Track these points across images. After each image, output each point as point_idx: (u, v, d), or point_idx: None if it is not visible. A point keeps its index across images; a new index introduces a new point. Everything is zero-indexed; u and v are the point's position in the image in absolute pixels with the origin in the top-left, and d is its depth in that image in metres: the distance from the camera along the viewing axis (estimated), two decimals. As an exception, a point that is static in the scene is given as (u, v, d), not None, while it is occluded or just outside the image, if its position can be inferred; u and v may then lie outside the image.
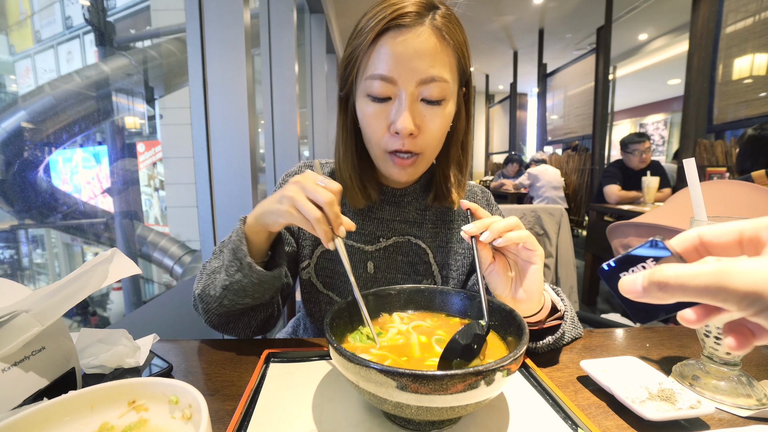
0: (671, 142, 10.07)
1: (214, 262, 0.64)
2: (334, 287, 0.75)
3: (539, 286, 0.54)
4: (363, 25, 0.62)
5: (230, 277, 0.59)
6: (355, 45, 0.62)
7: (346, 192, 0.71)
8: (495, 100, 10.23)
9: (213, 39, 1.37)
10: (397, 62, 0.58)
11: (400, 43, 0.58)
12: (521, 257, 0.54)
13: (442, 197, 0.74)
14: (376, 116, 0.62)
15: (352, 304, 0.53)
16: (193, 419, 0.35)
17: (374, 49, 0.60)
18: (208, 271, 0.64)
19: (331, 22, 4.52)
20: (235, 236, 0.59)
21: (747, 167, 1.98)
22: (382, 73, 0.59)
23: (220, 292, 0.60)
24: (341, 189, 0.53)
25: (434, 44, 0.59)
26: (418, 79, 0.59)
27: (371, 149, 0.67)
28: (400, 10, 0.58)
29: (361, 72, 0.62)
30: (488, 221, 0.53)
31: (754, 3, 3.06)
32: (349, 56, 0.64)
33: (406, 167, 0.65)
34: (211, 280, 0.62)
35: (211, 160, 1.42)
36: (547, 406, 0.48)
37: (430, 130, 0.62)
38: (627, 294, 0.28)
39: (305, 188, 0.51)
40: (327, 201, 0.50)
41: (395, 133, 0.61)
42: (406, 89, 0.59)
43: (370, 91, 0.61)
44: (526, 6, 5.47)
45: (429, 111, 0.62)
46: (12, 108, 2.48)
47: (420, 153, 0.64)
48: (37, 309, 0.41)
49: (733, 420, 0.47)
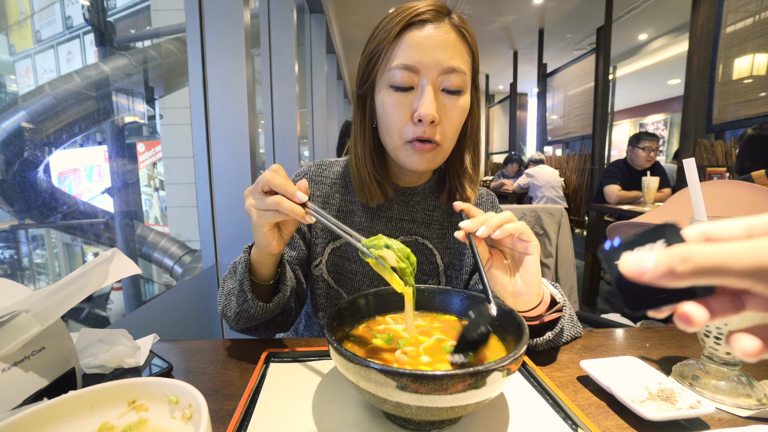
0: (671, 142, 10.07)
1: (229, 282, 0.66)
2: (343, 283, 0.76)
3: (537, 277, 0.55)
4: (384, 25, 0.65)
5: (239, 306, 0.62)
6: (378, 41, 0.65)
7: (363, 189, 0.72)
8: (495, 100, 10.23)
9: (213, 39, 1.37)
10: (420, 52, 0.62)
11: (424, 34, 0.62)
12: (518, 250, 0.55)
13: (456, 193, 0.75)
14: (398, 105, 0.64)
15: (353, 304, 0.53)
16: (193, 419, 0.35)
17: (398, 43, 0.63)
18: (225, 292, 0.66)
19: (331, 22, 4.52)
20: (240, 267, 0.61)
21: (747, 167, 1.98)
22: (406, 63, 0.62)
23: (234, 316, 0.63)
24: (278, 166, 0.53)
25: (454, 38, 0.63)
26: (440, 68, 0.62)
27: (391, 140, 0.68)
28: (420, 9, 0.63)
29: (383, 65, 0.65)
30: (483, 217, 0.54)
31: (754, 3, 3.06)
32: (372, 52, 0.66)
33: (425, 153, 0.66)
34: (228, 301, 0.65)
35: (211, 160, 1.42)
36: (547, 406, 0.48)
37: (449, 119, 0.65)
38: (630, 272, 0.25)
39: (253, 189, 0.54)
40: (267, 179, 0.51)
41: (418, 121, 0.63)
42: (428, 78, 0.62)
43: (393, 82, 0.64)
44: (526, 6, 5.47)
45: (449, 101, 0.64)
46: (12, 108, 2.47)
47: (439, 143, 0.66)
48: (37, 309, 0.41)
49: (733, 420, 0.47)
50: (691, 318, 0.24)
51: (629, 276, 0.25)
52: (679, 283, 0.23)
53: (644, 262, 0.24)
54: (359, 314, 0.55)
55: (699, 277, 0.22)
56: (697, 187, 0.53)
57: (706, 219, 0.52)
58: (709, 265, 0.21)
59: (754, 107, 3.09)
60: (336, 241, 0.76)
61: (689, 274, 0.22)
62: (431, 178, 0.78)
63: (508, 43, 7.15)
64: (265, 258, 0.59)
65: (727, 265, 0.21)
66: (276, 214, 0.52)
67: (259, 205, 0.52)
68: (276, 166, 0.53)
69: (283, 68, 2.47)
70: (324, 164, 0.80)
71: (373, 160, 0.71)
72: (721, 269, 0.21)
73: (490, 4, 5.39)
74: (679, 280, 0.23)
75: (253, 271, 0.62)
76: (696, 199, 0.53)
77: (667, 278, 0.23)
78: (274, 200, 0.51)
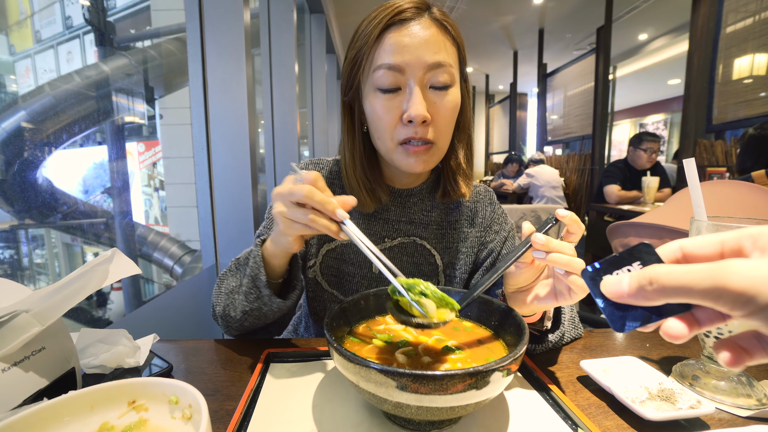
0: (671, 142, 10.06)
1: (231, 281, 0.64)
2: (340, 286, 0.75)
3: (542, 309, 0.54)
4: (363, 28, 0.64)
5: (250, 303, 0.60)
6: (359, 46, 0.64)
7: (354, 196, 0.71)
8: (495, 100, 10.22)
9: (213, 39, 1.37)
10: (403, 51, 0.60)
11: (405, 33, 0.61)
12: (557, 285, 0.50)
13: (452, 191, 0.74)
14: (387, 108, 0.63)
15: (353, 304, 0.53)
16: (193, 419, 0.35)
17: (379, 44, 0.62)
18: (226, 291, 0.64)
19: (331, 22, 4.52)
20: (252, 262, 0.58)
21: (747, 167, 1.98)
22: (390, 64, 0.61)
23: (241, 315, 0.61)
24: (318, 175, 0.49)
25: (437, 32, 0.62)
26: (425, 65, 0.61)
27: (383, 144, 0.66)
28: (399, 8, 0.62)
29: (367, 69, 0.63)
30: (556, 243, 0.48)
31: (754, 3, 3.06)
32: (354, 58, 0.65)
33: (420, 154, 0.64)
34: (231, 300, 0.63)
35: (211, 160, 1.42)
36: (547, 406, 0.49)
37: (441, 116, 0.64)
38: (610, 294, 0.27)
39: (284, 195, 0.49)
40: (305, 194, 0.47)
41: (408, 121, 0.61)
42: (414, 77, 0.61)
43: (378, 84, 0.62)
44: (526, 6, 5.47)
45: (438, 98, 0.63)
46: (12, 108, 2.47)
47: (433, 142, 0.65)
48: (37, 309, 0.41)
49: (733, 420, 0.47)
50: (672, 333, 0.26)
51: (610, 297, 0.28)
52: (650, 303, 0.26)
53: (620, 285, 0.27)
54: (359, 314, 0.55)
55: (666, 297, 0.25)
56: (697, 187, 0.53)
57: (706, 219, 0.52)
58: (673, 286, 0.24)
59: (754, 107, 3.09)
60: (332, 243, 0.75)
61: (657, 295, 0.25)
62: (428, 179, 0.77)
63: (508, 43, 7.14)
64: (280, 256, 0.57)
65: (689, 286, 0.23)
66: (306, 228, 0.49)
67: (290, 215, 0.49)
68: (315, 175, 0.48)
69: (283, 68, 2.47)
70: (321, 163, 0.79)
71: (364, 167, 0.70)
72: (683, 290, 0.24)
73: (490, 4, 5.39)
74: (650, 300, 0.26)
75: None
76: (696, 199, 0.53)
77: (639, 299, 0.26)
78: (308, 217, 0.47)
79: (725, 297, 0.22)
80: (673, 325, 0.26)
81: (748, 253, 0.25)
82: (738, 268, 0.22)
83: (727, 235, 0.26)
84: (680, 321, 0.26)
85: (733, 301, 0.22)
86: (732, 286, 0.22)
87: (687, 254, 0.27)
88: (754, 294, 0.21)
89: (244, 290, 0.60)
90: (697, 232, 0.51)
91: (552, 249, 0.47)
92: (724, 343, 0.26)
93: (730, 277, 0.22)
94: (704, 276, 0.23)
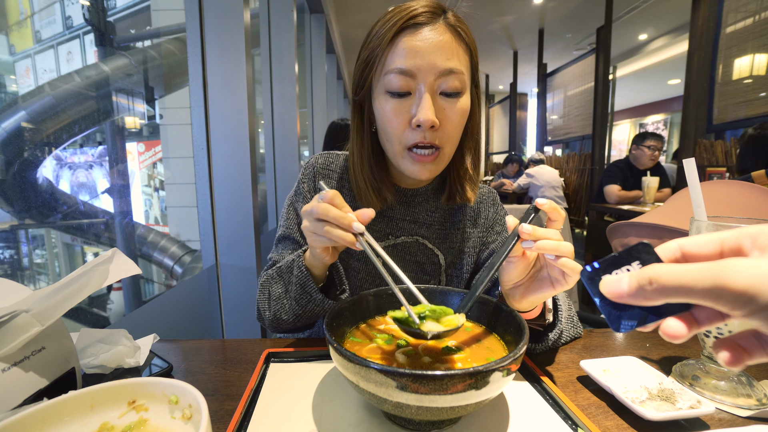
0: (671, 142, 10.07)
1: (276, 288, 0.67)
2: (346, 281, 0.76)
3: (541, 301, 0.53)
4: (377, 29, 0.64)
5: (302, 307, 0.63)
6: (372, 47, 0.64)
7: (361, 197, 0.72)
8: (495, 100, 10.23)
9: (213, 39, 1.37)
10: (416, 56, 0.60)
11: (418, 38, 0.61)
12: (550, 273, 0.50)
13: (457, 195, 0.74)
14: (396, 112, 0.63)
15: (353, 303, 0.53)
16: (193, 419, 0.35)
17: (392, 47, 0.62)
18: (274, 297, 0.67)
19: (331, 22, 4.52)
20: (297, 271, 0.62)
21: (747, 167, 1.98)
22: (401, 67, 0.61)
23: (293, 318, 0.65)
24: (335, 193, 0.53)
25: (450, 39, 0.62)
26: (437, 71, 0.61)
27: (391, 147, 0.67)
28: (413, 11, 0.62)
29: (379, 71, 0.64)
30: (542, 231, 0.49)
31: (754, 3, 3.06)
32: (367, 59, 0.65)
33: (426, 164, 0.65)
34: (280, 305, 0.66)
35: (211, 160, 1.42)
36: (547, 406, 0.49)
37: (449, 122, 0.64)
38: (609, 293, 0.27)
39: (306, 213, 0.54)
40: (321, 212, 0.51)
41: (417, 126, 0.62)
42: (425, 82, 0.61)
43: (389, 87, 0.63)
44: (526, 6, 5.47)
45: (448, 104, 0.63)
46: (12, 108, 2.48)
47: (440, 147, 0.65)
48: (37, 309, 0.41)
49: (733, 420, 0.47)
50: (671, 333, 0.26)
51: (610, 297, 0.28)
52: (650, 302, 0.26)
53: (620, 285, 0.27)
54: (359, 314, 0.55)
55: (666, 297, 0.25)
56: (697, 187, 0.53)
57: (706, 219, 0.52)
58: (673, 286, 0.24)
59: (754, 107, 3.09)
60: None
61: (657, 294, 0.25)
62: (434, 179, 0.78)
63: (508, 43, 7.15)
64: (318, 266, 0.61)
65: (689, 285, 0.23)
66: (327, 240, 0.53)
67: (312, 229, 0.53)
68: (332, 193, 0.52)
69: (283, 68, 2.47)
70: (332, 156, 0.79)
71: (371, 167, 0.71)
72: (683, 289, 0.24)
73: (490, 4, 5.39)
74: (649, 300, 0.25)
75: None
76: (696, 199, 0.53)
77: (639, 298, 0.26)
78: (325, 230, 0.51)
79: (725, 296, 0.22)
80: (673, 324, 0.26)
81: (748, 252, 0.24)
82: (738, 267, 0.22)
83: (726, 234, 0.26)
84: (679, 321, 0.26)
85: (734, 300, 0.22)
86: (732, 286, 0.22)
87: (686, 253, 0.27)
88: (755, 293, 0.21)
89: (294, 296, 0.63)
90: (697, 231, 0.51)
91: (539, 236, 0.48)
92: (723, 342, 0.26)
93: (730, 277, 0.22)
94: (704, 275, 0.23)
